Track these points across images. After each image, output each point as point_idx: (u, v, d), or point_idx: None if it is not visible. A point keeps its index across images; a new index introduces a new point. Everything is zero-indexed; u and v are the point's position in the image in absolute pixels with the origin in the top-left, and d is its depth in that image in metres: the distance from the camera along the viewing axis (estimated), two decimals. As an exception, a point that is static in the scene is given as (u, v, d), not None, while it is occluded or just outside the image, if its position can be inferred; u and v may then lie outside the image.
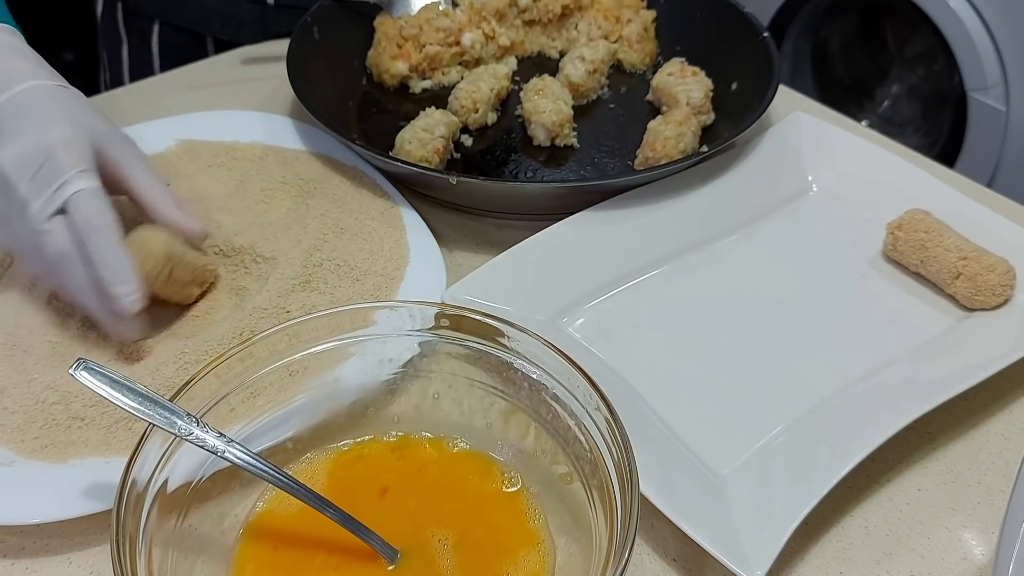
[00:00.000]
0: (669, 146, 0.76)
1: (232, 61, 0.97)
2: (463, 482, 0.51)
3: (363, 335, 0.52)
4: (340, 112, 0.84)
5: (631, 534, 0.41)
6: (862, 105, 1.93)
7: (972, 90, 1.56)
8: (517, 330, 0.50)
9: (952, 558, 0.53)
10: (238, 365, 0.49)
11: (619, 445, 0.45)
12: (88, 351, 0.60)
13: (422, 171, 0.72)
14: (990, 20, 1.51)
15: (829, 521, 0.54)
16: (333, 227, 0.70)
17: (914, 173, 0.75)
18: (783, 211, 0.75)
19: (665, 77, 0.85)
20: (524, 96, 0.83)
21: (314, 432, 0.52)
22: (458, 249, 0.73)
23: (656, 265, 0.70)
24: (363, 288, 0.66)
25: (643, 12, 0.95)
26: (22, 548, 0.52)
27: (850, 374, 0.61)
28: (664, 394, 0.60)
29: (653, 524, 0.53)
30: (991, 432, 0.60)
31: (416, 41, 0.89)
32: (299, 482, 0.46)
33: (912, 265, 0.68)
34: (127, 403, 0.45)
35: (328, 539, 0.47)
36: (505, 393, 0.52)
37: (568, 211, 0.70)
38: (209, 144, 0.78)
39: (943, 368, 0.60)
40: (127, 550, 0.41)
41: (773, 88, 0.79)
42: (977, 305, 0.65)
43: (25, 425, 0.55)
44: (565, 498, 0.49)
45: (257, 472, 0.45)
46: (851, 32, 1.91)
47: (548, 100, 0.81)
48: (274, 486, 0.46)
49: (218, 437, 0.45)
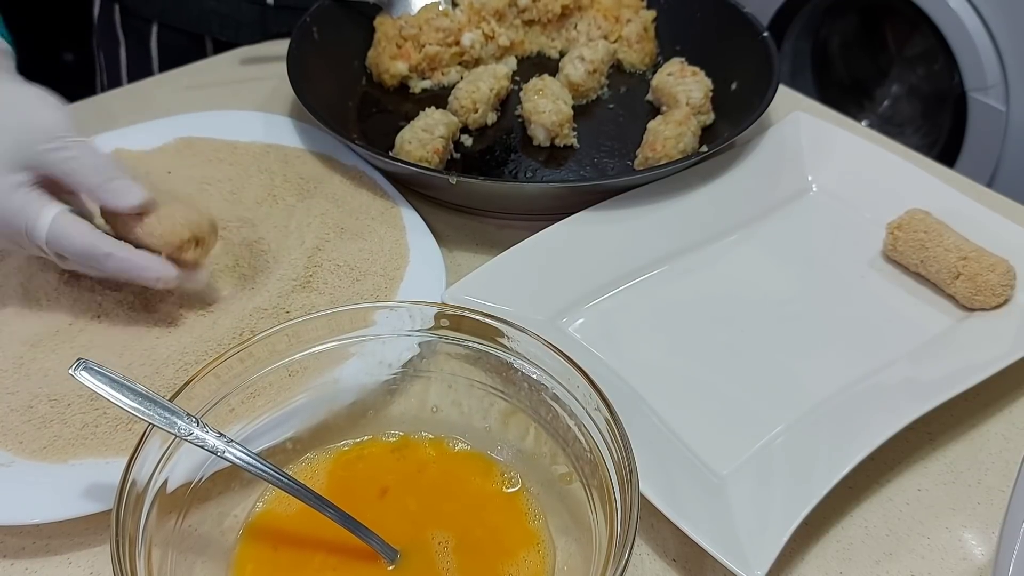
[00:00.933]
0: (669, 146, 0.76)
1: (231, 61, 0.97)
2: (463, 482, 0.51)
3: (363, 335, 0.52)
4: (340, 112, 0.84)
5: (631, 534, 0.41)
6: (862, 105, 1.93)
7: (972, 90, 1.56)
8: (517, 330, 0.50)
9: (952, 558, 0.53)
10: (238, 365, 0.49)
11: (619, 445, 0.45)
12: (88, 351, 0.60)
13: (422, 171, 0.72)
14: (990, 20, 1.50)
15: (829, 521, 0.54)
16: (333, 227, 0.70)
17: (914, 173, 0.75)
18: (783, 211, 0.75)
19: (665, 77, 0.85)
20: (524, 96, 0.83)
21: (314, 432, 0.52)
22: (458, 249, 0.73)
23: (656, 265, 0.70)
24: (363, 288, 0.66)
25: (643, 12, 0.95)
26: (22, 548, 0.52)
27: (850, 374, 0.61)
28: (664, 394, 0.60)
29: (653, 524, 0.53)
30: (991, 432, 0.60)
31: (416, 41, 0.89)
32: (299, 482, 0.46)
33: (912, 265, 0.68)
34: (127, 403, 0.44)
35: (328, 539, 0.47)
36: (505, 393, 0.52)
37: (568, 211, 0.70)
38: (209, 141, 0.78)
39: (943, 368, 0.60)
40: (127, 550, 0.41)
41: (773, 88, 0.79)
42: (977, 305, 0.65)
43: (24, 425, 0.55)
44: (565, 498, 0.49)
45: (257, 472, 0.45)
46: (851, 32, 1.91)
47: (548, 100, 0.81)
48: (274, 486, 0.46)
49: (218, 437, 0.45)
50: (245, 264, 0.67)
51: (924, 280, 0.68)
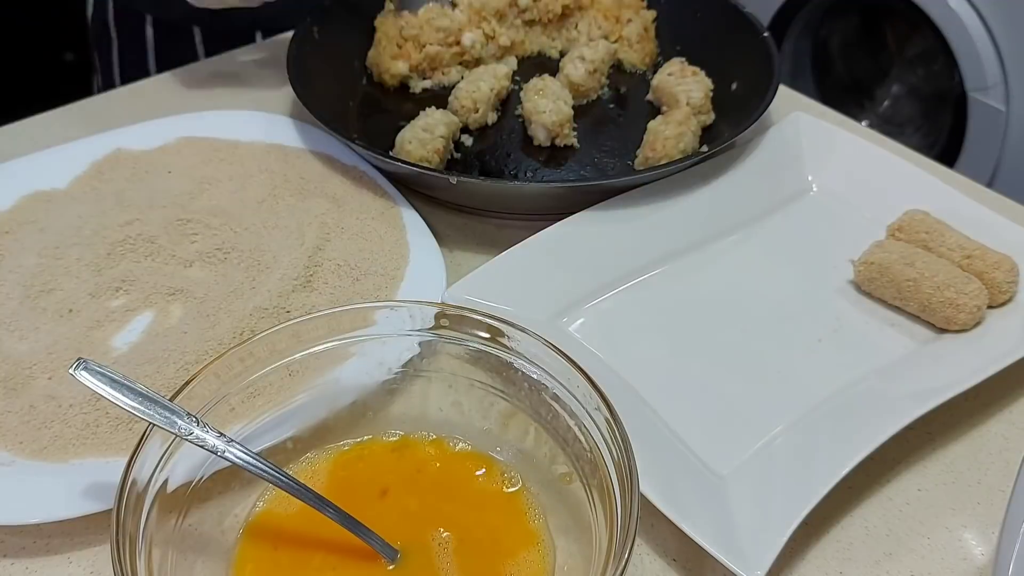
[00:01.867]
0: (669, 146, 0.76)
1: (232, 61, 0.97)
2: (463, 482, 0.51)
3: (363, 335, 0.52)
4: (340, 112, 0.84)
5: (631, 534, 0.41)
6: (862, 105, 1.93)
7: (972, 90, 1.56)
8: (517, 330, 0.50)
9: (952, 558, 0.53)
10: (238, 365, 0.49)
11: (619, 445, 0.45)
12: (88, 351, 0.60)
13: (422, 171, 0.72)
14: (990, 20, 1.51)
15: (829, 521, 0.54)
16: (333, 227, 0.70)
17: (914, 173, 0.75)
18: (783, 211, 0.75)
19: (665, 77, 0.85)
20: (524, 96, 0.83)
21: (314, 432, 0.52)
22: (458, 249, 0.73)
23: (656, 265, 0.70)
24: (363, 288, 0.66)
25: (643, 12, 0.95)
26: (22, 548, 0.52)
27: (850, 374, 0.61)
28: (664, 394, 0.60)
29: (653, 524, 0.53)
30: (991, 432, 0.60)
31: (416, 41, 0.89)
32: (299, 482, 0.46)
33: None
34: (127, 403, 0.45)
35: (328, 539, 0.47)
36: (505, 393, 0.52)
37: (568, 211, 0.70)
38: (210, 141, 0.78)
39: (943, 367, 0.60)
40: (127, 550, 0.41)
41: (773, 88, 0.79)
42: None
43: (25, 426, 0.55)
44: (565, 498, 0.49)
45: (257, 472, 0.45)
46: (851, 32, 1.91)
47: (548, 100, 0.81)
48: (274, 486, 0.46)
49: (218, 437, 0.45)
50: (245, 263, 0.67)
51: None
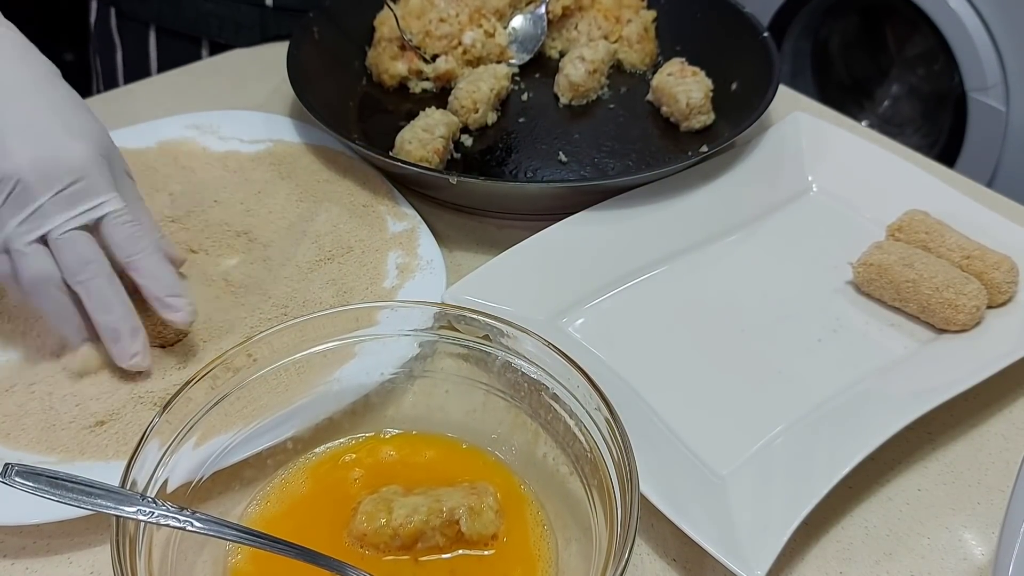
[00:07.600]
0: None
1: (231, 61, 0.97)
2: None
3: (363, 335, 0.52)
4: (340, 112, 0.84)
5: (631, 534, 0.41)
6: (862, 105, 1.93)
7: (972, 90, 1.56)
8: (517, 330, 0.50)
9: (952, 558, 0.53)
10: (238, 365, 0.49)
11: (619, 445, 0.45)
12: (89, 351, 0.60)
13: (422, 171, 0.72)
14: (990, 20, 1.51)
15: (829, 521, 0.54)
16: (332, 227, 0.70)
17: (914, 173, 0.75)
18: (783, 211, 0.75)
19: (665, 77, 0.85)
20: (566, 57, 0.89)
21: (314, 432, 0.52)
22: (458, 249, 0.73)
23: (656, 265, 0.70)
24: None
25: (643, 12, 0.95)
26: (22, 548, 0.52)
27: (849, 374, 0.61)
28: (664, 394, 0.60)
29: (653, 524, 0.53)
30: (991, 432, 0.60)
31: (421, 50, 0.88)
32: (272, 536, 0.44)
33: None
34: (72, 500, 0.42)
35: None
36: (505, 393, 0.52)
37: (568, 211, 0.70)
38: (210, 140, 0.78)
39: (944, 367, 0.60)
40: (127, 550, 0.41)
41: (773, 88, 0.79)
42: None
43: (25, 426, 0.55)
44: (565, 498, 0.49)
45: (226, 538, 0.43)
46: (851, 32, 1.91)
47: (585, 58, 0.87)
48: (246, 545, 0.44)
49: (179, 512, 0.43)
50: (245, 263, 0.67)
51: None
